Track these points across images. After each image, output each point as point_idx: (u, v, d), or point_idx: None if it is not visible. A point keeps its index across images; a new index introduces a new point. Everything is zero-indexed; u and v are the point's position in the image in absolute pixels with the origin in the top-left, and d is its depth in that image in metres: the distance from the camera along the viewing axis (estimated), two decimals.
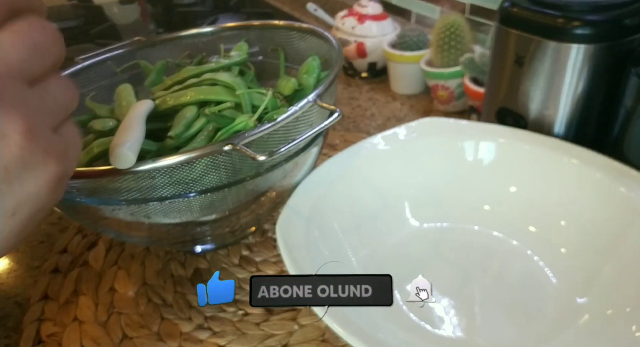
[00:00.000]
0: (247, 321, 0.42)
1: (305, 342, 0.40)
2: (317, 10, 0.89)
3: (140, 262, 0.49)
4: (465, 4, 0.74)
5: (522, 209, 0.44)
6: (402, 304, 0.39)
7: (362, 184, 0.44)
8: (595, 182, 0.41)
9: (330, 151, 0.62)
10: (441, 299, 0.40)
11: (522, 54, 0.47)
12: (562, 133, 0.48)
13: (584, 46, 0.44)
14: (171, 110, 0.41)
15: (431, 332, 0.37)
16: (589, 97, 0.46)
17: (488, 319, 0.38)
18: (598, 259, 0.39)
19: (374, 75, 0.83)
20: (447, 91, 0.69)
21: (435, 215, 0.46)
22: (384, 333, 0.34)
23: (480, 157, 0.47)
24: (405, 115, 0.73)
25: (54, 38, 0.21)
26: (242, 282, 0.46)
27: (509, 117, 0.51)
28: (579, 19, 0.44)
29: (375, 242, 0.43)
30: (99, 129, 0.41)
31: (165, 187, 0.35)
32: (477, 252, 0.44)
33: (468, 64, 0.63)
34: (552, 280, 0.40)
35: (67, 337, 0.42)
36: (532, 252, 0.43)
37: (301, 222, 0.38)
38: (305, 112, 0.36)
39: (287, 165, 0.40)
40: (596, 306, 0.36)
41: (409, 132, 0.47)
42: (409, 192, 0.46)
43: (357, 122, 0.72)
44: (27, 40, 0.20)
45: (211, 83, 0.41)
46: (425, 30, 0.76)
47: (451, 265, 0.43)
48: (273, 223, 0.40)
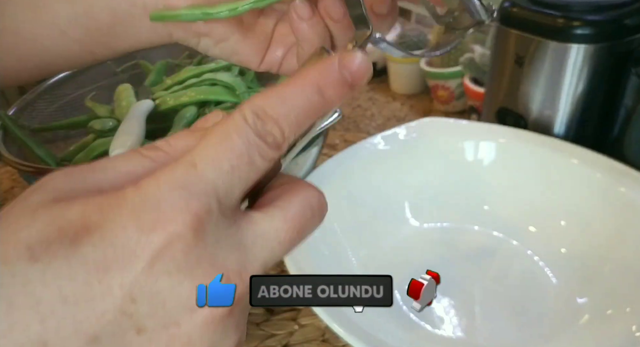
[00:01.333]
0: (248, 321, 0.42)
1: (305, 342, 0.40)
2: None
3: None
4: None
5: (522, 209, 0.44)
6: (402, 304, 0.39)
7: (362, 184, 0.44)
8: (595, 182, 0.41)
9: (330, 151, 0.62)
10: (441, 299, 0.40)
11: (522, 54, 0.47)
12: (562, 133, 0.48)
13: (584, 46, 0.44)
14: (171, 111, 0.41)
15: (431, 332, 0.37)
16: (589, 97, 0.46)
17: (488, 319, 0.38)
18: (598, 259, 0.39)
19: (374, 75, 0.83)
20: (447, 91, 0.69)
21: (435, 215, 0.46)
22: (384, 333, 0.34)
23: (480, 157, 0.46)
24: (405, 115, 0.73)
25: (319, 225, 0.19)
26: None
27: (509, 117, 0.51)
28: (579, 19, 0.44)
29: (375, 242, 0.43)
30: (99, 129, 0.41)
31: None
32: (477, 252, 0.44)
33: (468, 64, 0.63)
34: (552, 280, 0.40)
35: None
36: (532, 252, 0.43)
37: None
38: None
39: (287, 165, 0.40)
40: (596, 306, 0.36)
41: (409, 132, 0.47)
42: (409, 192, 0.46)
43: (357, 122, 0.72)
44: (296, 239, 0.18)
45: (211, 83, 0.41)
46: (425, 30, 0.76)
47: (451, 265, 0.43)
48: None
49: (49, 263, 0.14)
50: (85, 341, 0.14)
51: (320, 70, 0.18)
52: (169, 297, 0.15)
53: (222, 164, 0.16)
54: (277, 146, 0.17)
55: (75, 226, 0.15)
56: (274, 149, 0.17)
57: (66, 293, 0.14)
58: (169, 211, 0.15)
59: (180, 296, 0.15)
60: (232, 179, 0.16)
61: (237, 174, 0.16)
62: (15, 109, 0.46)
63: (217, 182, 0.16)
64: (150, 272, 0.15)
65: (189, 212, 0.15)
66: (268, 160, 0.17)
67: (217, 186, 0.16)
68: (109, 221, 0.15)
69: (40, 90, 0.49)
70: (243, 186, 0.17)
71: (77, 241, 0.15)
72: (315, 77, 0.18)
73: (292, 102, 0.17)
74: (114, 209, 0.15)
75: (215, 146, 0.16)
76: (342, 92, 0.18)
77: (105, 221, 0.15)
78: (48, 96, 0.50)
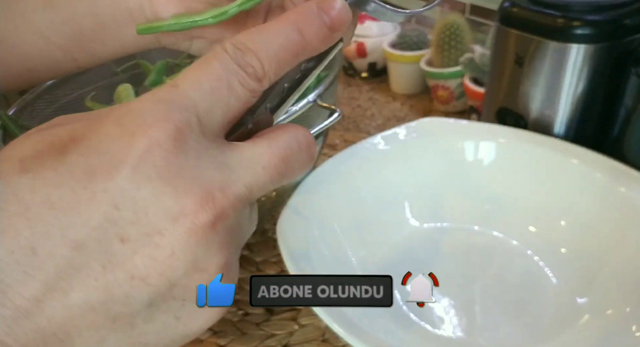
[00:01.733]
0: (248, 321, 0.42)
1: (305, 342, 0.40)
2: None
3: None
4: (465, 4, 0.75)
5: (522, 209, 0.44)
6: (402, 304, 0.39)
7: (362, 184, 0.44)
8: (595, 182, 0.41)
9: (330, 151, 0.62)
10: (441, 299, 0.40)
11: (522, 54, 0.47)
12: (562, 133, 0.48)
13: (584, 46, 0.44)
14: None
15: (431, 332, 0.37)
16: (589, 97, 0.46)
17: (488, 319, 0.38)
18: (598, 259, 0.39)
19: (374, 75, 0.83)
20: (447, 91, 0.69)
21: (435, 215, 0.46)
22: (384, 333, 0.34)
23: (480, 157, 0.46)
24: (405, 115, 0.73)
25: (306, 166, 0.19)
26: (242, 282, 0.45)
27: (509, 117, 0.51)
28: (579, 19, 0.44)
29: (375, 242, 0.43)
30: None
31: None
32: (477, 252, 0.44)
33: (468, 64, 0.63)
34: (552, 280, 0.40)
35: None
36: (532, 252, 0.43)
37: (301, 222, 0.38)
38: (305, 112, 0.36)
39: None
40: (596, 306, 0.36)
41: (409, 132, 0.47)
42: (409, 192, 0.46)
43: (357, 122, 0.72)
44: (280, 167, 0.18)
45: None
46: (425, 30, 0.76)
47: (451, 265, 0.43)
48: (273, 223, 0.40)
49: (39, 172, 0.15)
50: (71, 248, 0.15)
51: (299, 11, 0.19)
52: (152, 205, 0.15)
53: (203, 84, 0.17)
54: (257, 78, 0.18)
55: (64, 139, 0.16)
56: (254, 79, 0.18)
57: (53, 199, 0.15)
58: (150, 119, 0.16)
59: (163, 204, 0.15)
60: (212, 100, 0.17)
61: (217, 96, 0.17)
62: (15, 109, 0.46)
63: (197, 100, 0.17)
64: (133, 178, 0.15)
65: (169, 121, 0.16)
66: (249, 90, 0.18)
67: (197, 104, 0.17)
68: (95, 131, 0.16)
69: (40, 90, 0.49)
70: (224, 110, 0.17)
71: (65, 150, 0.16)
72: (294, 18, 0.19)
73: (272, 38, 0.18)
74: (100, 121, 0.16)
75: (196, 70, 0.17)
76: (321, 33, 0.19)
77: (91, 132, 0.16)
78: (48, 96, 0.50)
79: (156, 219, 0.15)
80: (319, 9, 0.19)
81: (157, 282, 0.16)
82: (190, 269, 0.16)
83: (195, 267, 0.16)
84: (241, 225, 0.18)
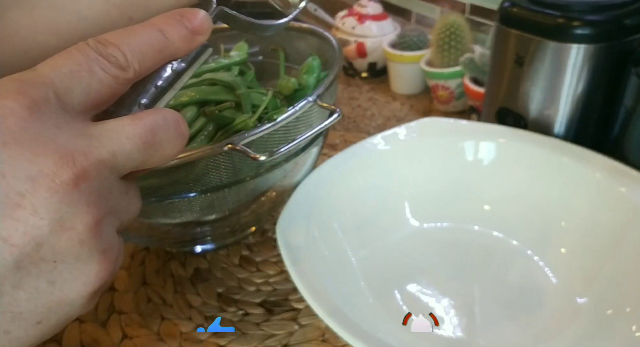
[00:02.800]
0: (247, 321, 0.42)
1: (305, 342, 0.40)
2: (317, 10, 0.89)
3: (140, 261, 0.49)
4: (465, 4, 0.74)
5: (522, 209, 0.44)
6: (402, 304, 0.39)
7: (362, 184, 0.44)
8: (595, 182, 0.41)
9: (330, 151, 0.62)
10: (441, 299, 0.40)
11: (522, 54, 0.47)
12: (562, 133, 0.48)
13: (584, 46, 0.44)
14: None
15: (431, 332, 0.37)
16: (589, 97, 0.46)
17: (488, 319, 0.38)
18: (598, 259, 0.39)
19: (374, 75, 0.83)
20: (447, 91, 0.69)
21: (435, 215, 0.46)
22: (384, 333, 0.34)
23: (480, 157, 0.47)
24: (405, 115, 0.73)
25: (177, 142, 0.20)
26: (242, 282, 0.46)
27: (509, 117, 0.51)
28: (579, 19, 0.44)
29: (375, 242, 0.43)
30: None
31: (165, 187, 0.35)
32: (477, 252, 0.44)
33: (468, 64, 0.63)
34: (552, 280, 0.40)
35: (67, 336, 0.42)
36: (532, 252, 0.43)
37: (301, 222, 0.38)
38: (305, 112, 0.36)
39: (287, 166, 0.40)
40: (596, 306, 0.36)
41: (409, 132, 0.47)
42: (409, 192, 0.46)
43: (357, 122, 0.72)
44: (146, 136, 0.19)
45: (211, 83, 0.41)
46: (425, 30, 0.76)
47: (451, 265, 0.43)
48: (273, 223, 0.40)
49: None
50: None
51: (163, 16, 0.21)
52: (9, 168, 0.16)
53: (62, 67, 0.18)
54: (120, 66, 0.19)
55: None
56: (117, 67, 0.19)
57: None
58: (4, 92, 0.17)
59: (21, 167, 0.16)
60: (72, 81, 0.18)
61: (77, 78, 0.18)
62: None
63: (55, 79, 0.18)
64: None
65: (22, 93, 0.17)
66: (112, 76, 0.19)
67: (54, 83, 0.18)
68: None
69: None
70: (86, 91, 0.18)
71: None
72: (157, 21, 0.21)
73: (134, 35, 0.20)
74: None
75: (56, 57, 0.19)
76: (182, 34, 0.21)
77: None
78: None
79: (14, 181, 0.16)
80: (181, 15, 0.21)
81: (21, 242, 0.16)
82: (56, 227, 0.16)
83: (61, 226, 0.16)
84: (111, 192, 0.18)
